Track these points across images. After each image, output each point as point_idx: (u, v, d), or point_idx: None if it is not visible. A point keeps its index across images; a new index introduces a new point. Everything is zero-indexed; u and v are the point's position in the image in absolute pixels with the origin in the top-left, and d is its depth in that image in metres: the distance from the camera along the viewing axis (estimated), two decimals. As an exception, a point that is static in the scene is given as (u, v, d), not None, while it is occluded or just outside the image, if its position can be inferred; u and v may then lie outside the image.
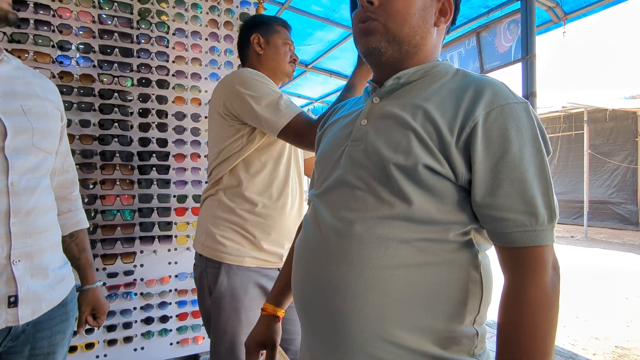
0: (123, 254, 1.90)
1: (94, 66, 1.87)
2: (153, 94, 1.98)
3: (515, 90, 0.66)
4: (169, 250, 2.01)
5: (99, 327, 1.23)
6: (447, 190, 0.63)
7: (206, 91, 2.11)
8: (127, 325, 1.92)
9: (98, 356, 1.85)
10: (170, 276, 2.01)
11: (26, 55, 1.71)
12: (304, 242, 0.75)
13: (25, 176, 0.94)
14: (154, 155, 1.98)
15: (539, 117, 0.64)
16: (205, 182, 2.07)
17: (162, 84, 2.00)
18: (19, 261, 0.91)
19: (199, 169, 2.07)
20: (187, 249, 2.04)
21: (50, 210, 1.03)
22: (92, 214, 1.83)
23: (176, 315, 2.02)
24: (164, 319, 1.99)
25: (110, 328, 1.89)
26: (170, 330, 2.02)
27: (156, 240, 1.97)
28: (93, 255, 1.81)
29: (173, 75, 2.03)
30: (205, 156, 2.09)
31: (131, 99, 1.94)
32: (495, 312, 0.63)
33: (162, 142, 1.99)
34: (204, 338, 2.09)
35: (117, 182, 1.90)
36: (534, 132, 0.61)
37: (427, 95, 0.68)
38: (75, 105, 1.81)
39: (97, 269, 1.85)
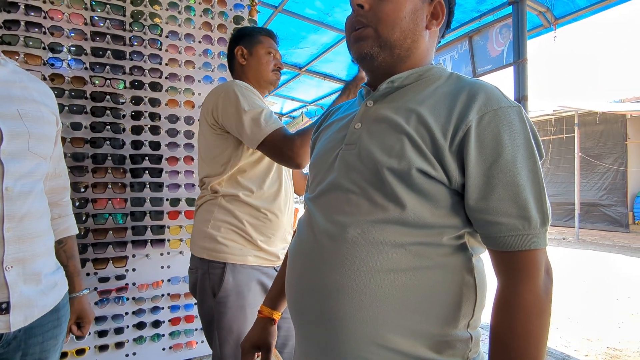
0: (115, 258, 1.88)
1: (85, 68, 1.85)
2: (146, 97, 1.97)
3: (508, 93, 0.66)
4: (161, 254, 1.99)
5: (84, 337, 1.22)
6: (441, 194, 0.63)
7: (199, 94, 2.10)
8: (118, 331, 1.90)
9: (89, 362, 1.83)
10: (162, 280, 1.99)
11: (16, 57, 1.69)
12: (298, 245, 0.75)
13: (20, 181, 0.92)
14: (146, 158, 1.96)
15: (531, 120, 0.65)
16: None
17: (155, 87, 1.99)
18: (11, 267, 0.89)
19: (192, 172, 2.06)
20: (180, 252, 2.03)
21: (43, 216, 1.02)
22: (83, 218, 1.81)
23: (169, 320, 2.01)
24: (156, 323, 1.97)
25: (102, 333, 1.86)
26: (163, 335, 2.00)
27: (148, 244, 1.95)
28: (84, 260, 1.79)
29: (166, 77, 2.02)
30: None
31: (123, 101, 1.93)
32: (489, 314, 0.63)
33: (154, 145, 1.97)
34: (197, 343, 2.07)
35: (109, 186, 1.88)
36: (527, 135, 0.62)
37: (420, 99, 0.68)
38: (66, 107, 1.79)
39: (88, 274, 1.83)
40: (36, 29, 1.75)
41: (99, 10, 1.88)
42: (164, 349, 2.01)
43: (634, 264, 5.84)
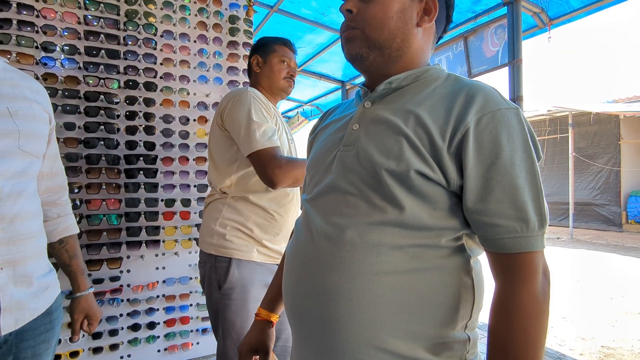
0: (109, 259, 1.86)
1: (79, 68, 1.83)
2: (140, 97, 1.95)
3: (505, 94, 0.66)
4: (156, 256, 1.98)
5: (91, 333, 1.21)
6: (439, 196, 0.63)
7: (194, 94, 2.08)
8: (113, 333, 1.88)
9: (83, 365, 1.81)
10: (157, 282, 1.97)
11: (8, 56, 1.67)
12: (295, 247, 0.74)
13: (10, 181, 0.90)
14: (141, 158, 1.94)
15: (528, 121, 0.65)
16: (194, 186, 2.05)
17: (150, 87, 1.97)
18: (1, 269, 0.88)
19: (188, 173, 2.04)
20: (175, 253, 2.01)
21: (35, 217, 1.00)
22: (77, 219, 1.78)
23: (164, 322, 1.99)
24: (151, 325, 1.96)
25: (96, 335, 1.85)
26: (158, 337, 1.98)
27: (143, 245, 1.93)
28: (78, 261, 1.77)
29: (161, 77, 2.00)
30: (194, 159, 2.06)
31: (118, 101, 1.91)
32: (486, 315, 0.63)
33: (149, 145, 1.96)
34: (192, 344, 2.06)
35: (103, 186, 1.86)
36: (525, 137, 0.61)
37: (418, 100, 0.68)
38: (60, 107, 1.77)
39: (82, 275, 1.81)
40: (28, 28, 1.73)
41: (93, 9, 1.86)
42: (159, 351, 1.99)
43: (627, 263, 5.89)
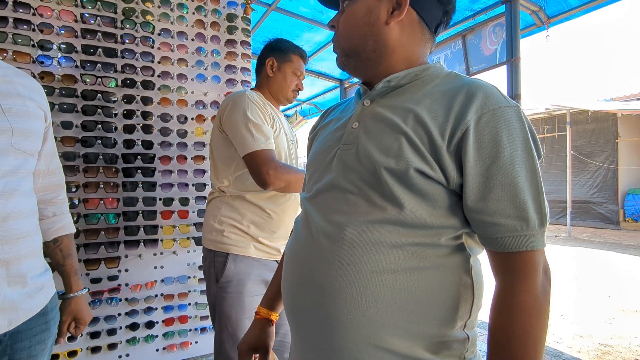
0: (107, 258, 1.86)
1: (76, 66, 1.82)
2: (138, 95, 1.95)
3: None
4: (154, 255, 1.97)
5: (76, 337, 1.19)
6: (439, 195, 0.62)
7: (192, 92, 2.08)
8: (111, 332, 1.88)
9: (81, 364, 1.80)
10: (156, 281, 1.97)
11: (5, 54, 1.66)
12: (295, 245, 0.74)
13: (2, 179, 0.88)
14: (138, 157, 1.94)
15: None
16: (192, 185, 2.04)
17: (147, 85, 1.96)
18: None
19: (186, 172, 2.04)
20: (174, 252, 2.01)
21: (30, 215, 0.98)
22: (75, 218, 1.78)
23: (162, 321, 1.99)
24: (149, 324, 1.95)
25: (94, 335, 1.84)
26: (156, 336, 1.98)
27: (141, 244, 1.93)
28: (75, 261, 1.77)
29: (158, 76, 1.99)
30: (192, 158, 2.06)
31: (115, 100, 1.90)
32: (486, 312, 0.63)
33: (147, 144, 1.95)
34: (190, 344, 2.06)
35: (101, 185, 1.85)
36: (525, 136, 0.61)
37: (418, 98, 0.68)
38: (57, 106, 1.76)
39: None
40: (25, 26, 1.72)
41: (90, 7, 1.85)
42: (157, 350, 1.99)
43: (624, 261, 5.91)
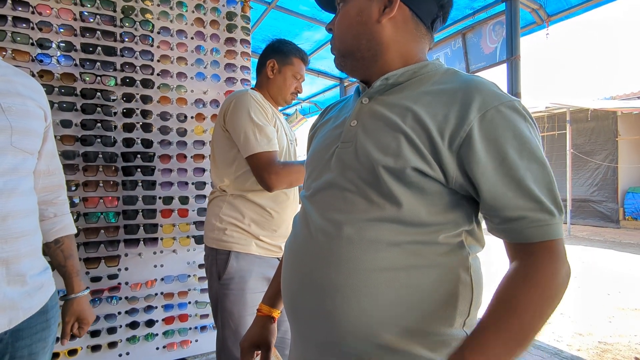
0: (107, 257, 1.86)
1: (75, 65, 1.82)
2: (137, 94, 1.94)
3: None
4: (154, 253, 1.97)
5: (81, 337, 1.19)
6: (437, 193, 0.62)
7: (192, 91, 2.07)
8: (111, 331, 1.88)
9: (81, 363, 1.81)
10: (156, 279, 1.97)
11: (4, 53, 1.66)
12: (294, 243, 0.75)
13: (1, 178, 0.88)
14: (138, 156, 1.94)
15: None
16: (192, 184, 2.04)
17: (147, 84, 1.96)
18: None
19: (185, 170, 2.04)
20: (173, 251, 2.01)
21: (30, 214, 0.98)
22: (74, 217, 1.78)
23: (162, 319, 1.99)
24: (149, 323, 1.96)
25: (94, 333, 1.84)
26: (157, 334, 1.98)
27: (141, 243, 1.93)
28: (75, 259, 1.77)
29: (158, 74, 1.99)
30: (191, 157, 2.06)
31: (114, 98, 1.90)
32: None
33: (146, 142, 1.95)
34: (191, 342, 2.06)
35: (101, 184, 1.85)
36: (530, 128, 0.61)
37: (416, 96, 0.67)
38: (56, 105, 1.76)
39: (79, 273, 1.80)
40: (24, 25, 1.71)
41: (89, 6, 1.84)
42: (157, 349, 1.99)
43: (624, 259, 5.92)
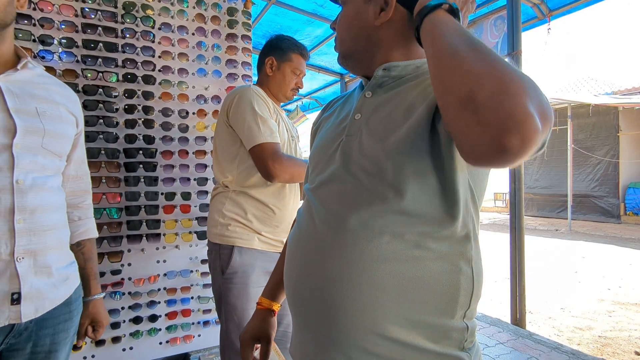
0: (110, 253, 1.87)
1: (77, 61, 1.82)
2: (139, 90, 1.95)
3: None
4: (157, 249, 1.99)
5: (96, 339, 1.23)
6: (441, 184, 0.63)
7: (193, 87, 2.08)
8: (115, 325, 1.89)
9: (85, 357, 1.82)
10: (158, 275, 1.98)
11: (6, 49, 1.66)
12: (298, 235, 0.75)
13: (31, 174, 0.95)
14: (140, 152, 1.94)
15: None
16: (194, 180, 2.05)
17: (148, 80, 1.96)
18: (22, 258, 0.92)
19: (187, 166, 2.05)
20: (176, 246, 2.02)
21: (58, 210, 1.04)
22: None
23: (165, 314, 2.00)
24: (152, 318, 1.97)
25: (98, 328, 1.86)
26: (160, 329, 2.00)
27: (144, 238, 1.94)
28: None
29: (159, 70, 1.99)
30: (193, 153, 2.06)
31: (116, 95, 1.91)
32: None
33: (148, 139, 1.96)
34: (193, 337, 2.08)
35: (103, 180, 1.86)
36: None
37: (418, 90, 0.68)
38: (58, 101, 1.77)
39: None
40: (25, 21, 1.71)
41: (90, 2, 1.84)
42: (160, 343, 2.01)
43: (625, 254, 5.93)
